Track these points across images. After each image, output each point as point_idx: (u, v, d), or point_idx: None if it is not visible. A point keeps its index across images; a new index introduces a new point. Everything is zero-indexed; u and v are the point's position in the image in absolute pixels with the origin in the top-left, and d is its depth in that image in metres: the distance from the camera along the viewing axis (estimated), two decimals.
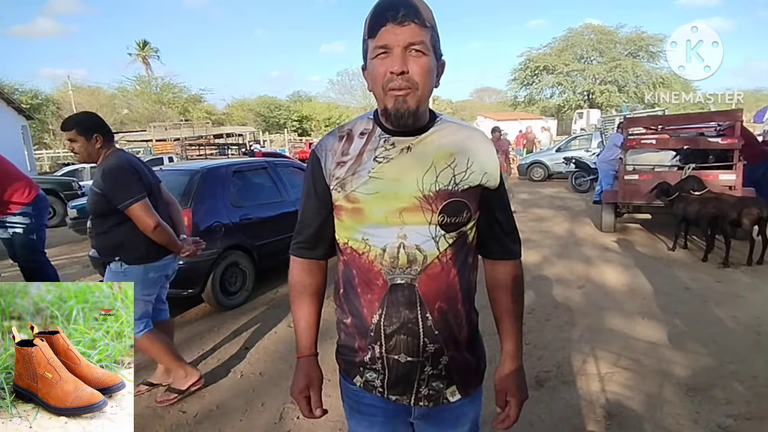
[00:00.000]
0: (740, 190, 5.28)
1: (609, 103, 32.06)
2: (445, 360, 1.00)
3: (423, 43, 0.90)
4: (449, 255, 0.97)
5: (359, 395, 1.08)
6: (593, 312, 3.64)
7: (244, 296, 4.22)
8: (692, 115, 7.88)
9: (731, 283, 4.17)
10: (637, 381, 2.61)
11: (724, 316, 3.45)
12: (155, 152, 17.62)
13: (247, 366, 3.02)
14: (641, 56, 33.71)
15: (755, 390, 2.46)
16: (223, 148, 18.16)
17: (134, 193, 2.21)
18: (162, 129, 25.71)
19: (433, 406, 1.04)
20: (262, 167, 4.90)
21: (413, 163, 0.96)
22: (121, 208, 2.21)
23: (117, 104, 34.42)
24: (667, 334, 3.19)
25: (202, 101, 37.68)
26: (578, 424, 2.26)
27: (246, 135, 26.75)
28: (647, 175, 5.87)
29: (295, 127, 37.90)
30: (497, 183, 1.02)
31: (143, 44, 36.81)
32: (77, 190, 9.69)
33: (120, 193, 2.21)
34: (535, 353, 2.98)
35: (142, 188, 2.26)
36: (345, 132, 1.03)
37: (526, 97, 37.59)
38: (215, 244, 3.97)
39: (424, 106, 0.95)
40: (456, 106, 46.48)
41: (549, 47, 35.48)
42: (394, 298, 0.96)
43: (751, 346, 2.96)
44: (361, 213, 0.97)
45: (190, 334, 3.60)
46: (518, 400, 1.07)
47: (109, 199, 2.23)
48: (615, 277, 4.48)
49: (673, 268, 4.72)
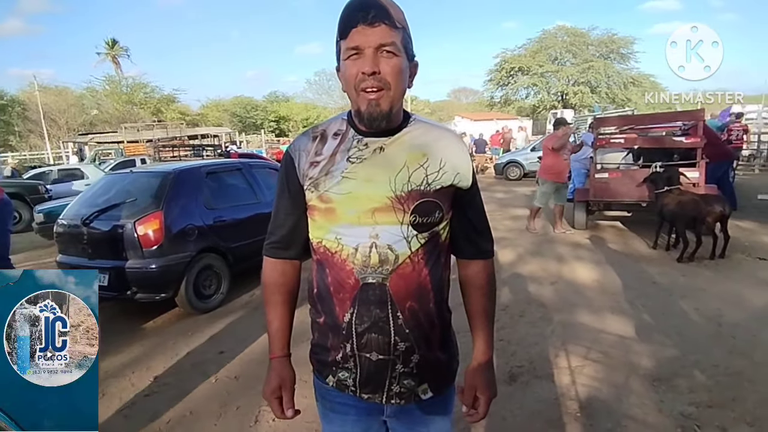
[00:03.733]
0: (703, 187, 5.49)
1: (582, 104, 32.80)
2: (417, 358, 1.01)
3: (394, 44, 0.91)
4: (421, 255, 0.98)
5: (332, 394, 1.09)
6: (565, 308, 3.73)
7: (219, 299, 4.17)
8: (658, 115, 8.16)
9: (695, 277, 4.34)
10: (606, 373, 2.69)
11: (687, 308, 3.59)
12: (127, 154, 17.14)
13: (222, 370, 2.98)
14: (612, 58, 34.60)
15: (716, 379, 2.58)
16: (198, 149, 17.79)
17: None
18: (134, 130, 25.00)
19: (405, 403, 1.05)
20: (237, 168, 4.85)
21: (386, 164, 0.97)
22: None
23: (86, 105, 33.29)
24: (635, 327, 3.30)
25: (175, 102, 36.79)
26: (550, 417, 2.32)
27: (222, 136, 26.27)
28: (616, 174, 6.05)
29: (273, 128, 37.49)
30: (470, 183, 1.03)
31: (112, 43, 35.71)
32: (44, 194, 9.34)
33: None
34: (508, 349, 3.04)
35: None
36: (319, 132, 1.04)
37: (502, 98, 38.09)
38: (188, 247, 3.92)
39: (397, 107, 0.96)
40: (434, 106, 46.84)
41: (524, 48, 36.07)
42: (365, 296, 0.97)
43: (711, 337, 3.10)
44: (334, 213, 0.97)
45: (163, 339, 3.53)
46: (488, 397, 1.08)
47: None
48: (586, 274, 4.60)
49: (641, 263, 4.88)
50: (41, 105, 27.16)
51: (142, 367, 3.06)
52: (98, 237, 3.94)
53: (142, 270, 3.70)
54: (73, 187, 10.10)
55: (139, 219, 3.75)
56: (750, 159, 12.67)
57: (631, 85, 33.40)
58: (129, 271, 3.70)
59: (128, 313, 4.04)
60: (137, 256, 3.73)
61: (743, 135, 11.23)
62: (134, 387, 2.81)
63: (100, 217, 3.96)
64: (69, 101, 31.41)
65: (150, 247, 3.72)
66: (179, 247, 3.86)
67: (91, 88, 34.12)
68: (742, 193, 7.63)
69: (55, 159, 24.34)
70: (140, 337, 3.61)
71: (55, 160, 23.99)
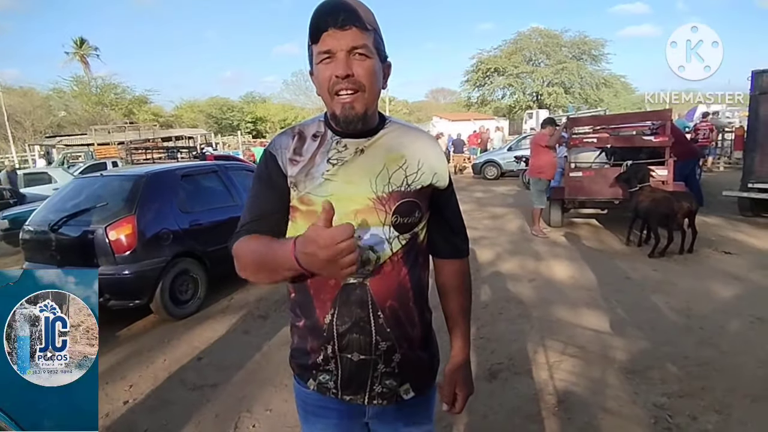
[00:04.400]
0: (671, 184, 5.68)
1: (556, 104, 33.55)
2: (398, 358, 1.02)
3: (366, 46, 0.91)
4: (401, 255, 0.99)
5: (313, 398, 1.08)
6: (543, 304, 3.80)
7: (196, 305, 4.08)
8: (629, 115, 8.41)
9: (666, 272, 4.49)
10: (582, 368, 2.75)
11: (659, 302, 3.71)
12: (98, 156, 16.63)
13: (200, 377, 2.92)
14: (585, 59, 35.52)
15: (686, 370, 2.67)
16: (172, 151, 17.40)
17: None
18: (105, 132, 24.24)
19: (387, 404, 1.05)
20: (213, 171, 4.76)
21: (366, 165, 0.97)
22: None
23: (53, 106, 32.12)
24: (609, 321, 3.39)
25: (148, 103, 35.84)
26: (529, 412, 2.36)
27: (197, 138, 25.78)
28: (589, 172, 6.20)
29: (249, 129, 36.93)
30: (446, 183, 1.05)
31: (80, 42, 34.57)
32: (9, 200, 8.95)
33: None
34: (488, 347, 3.08)
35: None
36: (296, 132, 1.04)
37: (479, 98, 38.63)
38: (163, 252, 3.83)
39: (372, 108, 0.97)
40: (412, 106, 47.03)
41: (499, 50, 36.65)
42: (345, 297, 0.97)
43: (681, 329, 3.21)
44: (315, 215, 0.96)
45: (138, 347, 3.44)
46: (465, 394, 1.11)
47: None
48: (563, 271, 4.71)
49: (615, 259, 5.02)
50: (5, 106, 26.06)
51: (116, 377, 2.97)
52: (67, 243, 3.81)
53: (115, 276, 3.59)
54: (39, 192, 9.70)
55: (110, 224, 3.64)
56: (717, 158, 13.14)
57: (602, 86, 34.36)
58: (101, 278, 3.56)
59: (101, 321, 3.90)
60: (109, 262, 3.62)
61: (709, 134, 11.70)
62: (108, 397, 2.72)
63: (69, 223, 3.83)
64: (35, 102, 30.22)
65: (122, 253, 3.62)
66: (153, 252, 3.76)
67: (58, 89, 32.91)
68: (709, 189, 7.93)
69: (21, 162, 23.41)
70: (114, 345, 3.50)
71: (21, 163, 23.07)
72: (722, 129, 13.53)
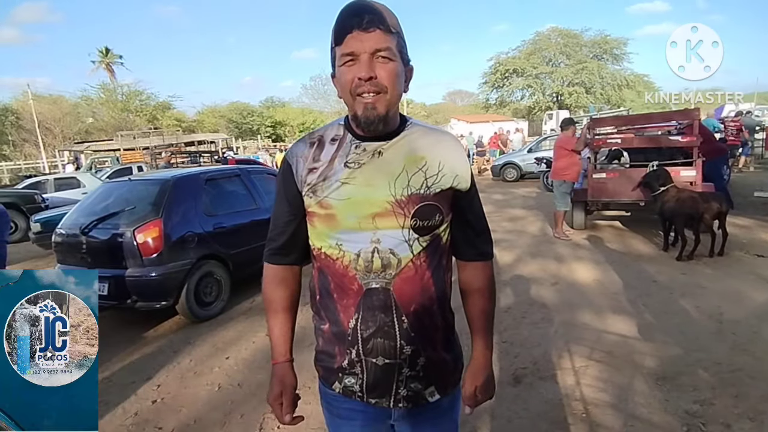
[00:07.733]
0: (700, 185, 5.52)
1: (577, 104, 33.04)
2: (423, 361, 1.01)
3: (389, 49, 0.92)
4: (423, 258, 0.98)
5: (339, 401, 1.08)
6: (567, 308, 3.73)
7: (219, 307, 4.15)
8: (654, 114, 8.18)
9: (694, 275, 4.36)
10: (609, 373, 2.69)
11: (688, 306, 3.60)
12: (123, 161, 17.08)
13: (225, 378, 2.97)
14: (606, 59, 34.89)
15: (719, 376, 2.58)
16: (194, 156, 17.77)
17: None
18: (130, 138, 24.94)
19: (412, 407, 1.05)
20: (236, 174, 4.84)
21: (385, 168, 0.97)
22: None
23: (81, 113, 33.23)
24: (637, 326, 3.31)
25: (171, 108, 36.78)
26: (555, 418, 2.32)
27: (218, 142, 26.28)
28: (613, 174, 6.07)
29: (269, 133, 37.47)
30: (468, 185, 1.04)
31: (106, 51, 35.68)
32: (40, 203, 9.28)
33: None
34: (512, 351, 3.04)
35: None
36: (316, 138, 1.04)
37: (498, 100, 38.31)
38: (188, 255, 3.90)
39: (394, 110, 0.97)
40: (430, 109, 47.03)
41: (518, 51, 36.31)
42: (369, 302, 0.97)
43: (713, 335, 3.10)
44: (334, 219, 0.97)
45: (164, 347, 3.52)
46: (486, 398, 1.11)
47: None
48: (586, 274, 4.61)
49: (641, 262, 4.90)
50: (36, 114, 27.06)
51: (143, 376, 3.04)
52: (97, 246, 3.93)
53: (142, 278, 3.68)
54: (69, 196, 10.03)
55: (138, 227, 3.73)
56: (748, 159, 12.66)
57: (624, 86, 33.65)
58: (129, 280, 3.68)
59: (129, 322, 4.02)
60: (137, 264, 3.71)
61: (737, 133, 11.31)
62: (137, 396, 2.79)
63: (98, 226, 3.95)
64: (64, 110, 31.33)
65: (150, 255, 3.71)
66: (179, 254, 3.85)
67: (86, 96, 34.10)
68: (739, 190, 7.66)
69: (51, 168, 24.24)
70: (141, 345, 3.59)
71: (51, 169, 23.89)
72: (753, 129, 13.04)
